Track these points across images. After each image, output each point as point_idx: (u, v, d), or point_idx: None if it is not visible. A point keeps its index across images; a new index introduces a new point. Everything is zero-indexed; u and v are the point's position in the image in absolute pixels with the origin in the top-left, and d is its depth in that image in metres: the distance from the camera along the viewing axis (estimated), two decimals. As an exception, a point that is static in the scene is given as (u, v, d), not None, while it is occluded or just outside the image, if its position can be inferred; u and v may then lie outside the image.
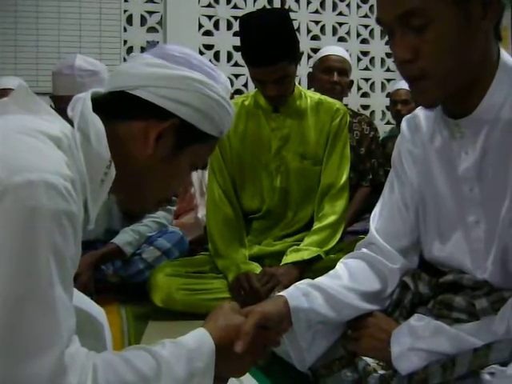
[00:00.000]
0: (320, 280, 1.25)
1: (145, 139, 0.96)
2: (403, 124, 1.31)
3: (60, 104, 2.05)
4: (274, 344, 1.12)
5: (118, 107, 0.98)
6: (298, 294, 1.19)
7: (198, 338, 0.95)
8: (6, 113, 0.89)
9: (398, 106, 3.42)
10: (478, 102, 1.08)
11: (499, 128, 1.08)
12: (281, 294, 1.19)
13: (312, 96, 2.20)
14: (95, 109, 0.94)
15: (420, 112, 1.26)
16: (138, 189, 1.02)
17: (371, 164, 3.01)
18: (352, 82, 3.06)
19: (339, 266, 1.31)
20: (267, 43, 1.88)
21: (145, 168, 0.99)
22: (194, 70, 0.99)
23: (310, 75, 3.09)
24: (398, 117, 3.39)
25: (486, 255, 1.14)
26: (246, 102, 2.17)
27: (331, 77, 2.87)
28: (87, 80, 2.10)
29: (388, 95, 3.85)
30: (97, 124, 0.92)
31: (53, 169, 0.79)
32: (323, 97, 2.22)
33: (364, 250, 1.33)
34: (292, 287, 1.22)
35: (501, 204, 1.09)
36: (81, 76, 2.10)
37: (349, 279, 1.26)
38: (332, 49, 3.04)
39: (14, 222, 0.75)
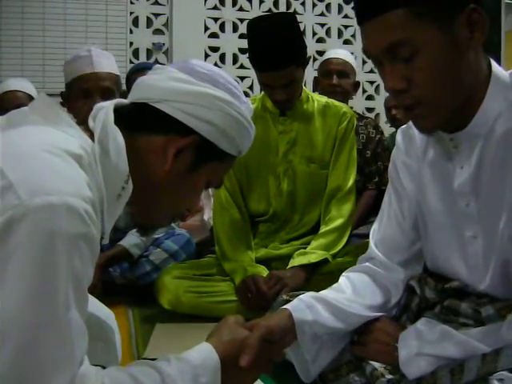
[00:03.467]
0: (323, 293, 1.26)
1: (164, 154, 0.96)
2: (398, 136, 1.30)
3: (82, 85, 2.03)
4: (279, 357, 1.13)
5: (139, 119, 0.98)
6: (302, 306, 1.19)
7: (203, 354, 0.95)
8: (26, 123, 0.87)
9: (393, 112, 3.43)
10: (472, 116, 1.07)
11: (494, 141, 1.07)
12: (285, 307, 1.19)
13: (319, 99, 2.19)
14: (117, 119, 0.94)
15: None
16: (152, 203, 1.01)
17: (377, 167, 3.01)
18: (358, 83, 3.05)
19: (342, 279, 1.32)
20: (275, 48, 1.87)
21: (161, 183, 0.98)
22: (219, 87, 0.99)
23: (315, 79, 3.10)
24: (395, 121, 3.40)
25: (484, 269, 1.14)
26: (254, 106, 2.15)
27: (331, 80, 2.89)
28: (103, 60, 2.09)
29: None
30: (117, 138, 0.91)
31: (74, 191, 0.78)
32: (330, 100, 2.21)
33: (365, 263, 1.34)
34: (296, 300, 1.22)
35: (498, 218, 1.08)
36: (98, 55, 2.09)
37: (352, 292, 1.26)
38: (334, 52, 3.05)
39: (33, 244, 0.74)
